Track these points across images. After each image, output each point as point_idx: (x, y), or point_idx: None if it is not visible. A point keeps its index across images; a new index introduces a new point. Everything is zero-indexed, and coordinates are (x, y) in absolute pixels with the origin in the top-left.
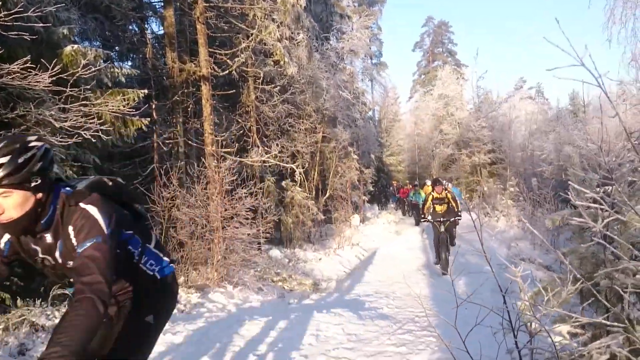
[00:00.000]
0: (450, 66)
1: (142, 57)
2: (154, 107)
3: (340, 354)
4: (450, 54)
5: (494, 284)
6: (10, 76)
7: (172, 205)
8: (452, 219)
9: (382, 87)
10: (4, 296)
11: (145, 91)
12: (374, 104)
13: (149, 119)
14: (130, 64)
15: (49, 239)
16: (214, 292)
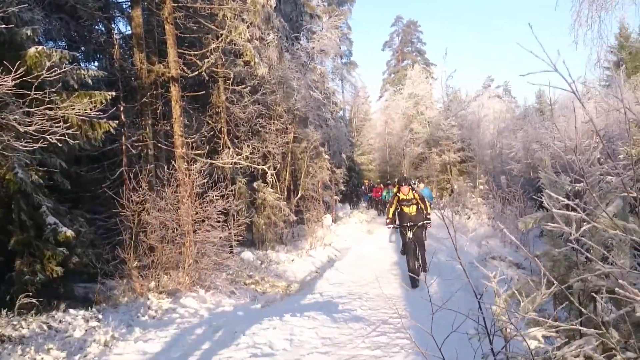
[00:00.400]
0: (419, 65)
1: (109, 58)
2: (122, 109)
3: (314, 358)
4: (419, 53)
5: (464, 283)
6: None
7: (141, 209)
8: (420, 223)
9: (353, 86)
10: None
11: (113, 93)
12: (344, 103)
13: (117, 121)
14: (96, 65)
15: None
16: (186, 297)
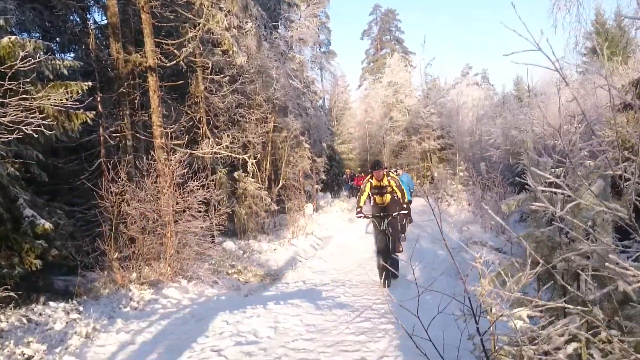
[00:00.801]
0: (398, 54)
1: (85, 49)
2: (99, 99)
3: (299, 345)
4: (398, 41)
5: (446, 268)
6: None
7: (121, 200)
8: (395, 213)
9: (332, 75)
10: None
11: (89, 83)
12: (324, 92)
13: (94, 112)
14: (72, 56)
15: None
16: (168, 288)
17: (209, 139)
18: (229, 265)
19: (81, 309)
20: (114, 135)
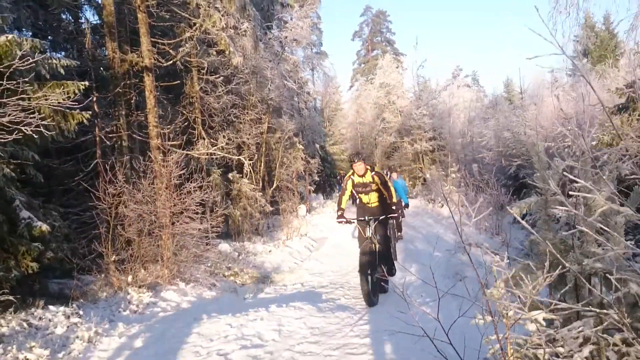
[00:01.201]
0: (389, 55)
1: (78, 47)
2: (94, 99)
3: (305, 348)
4: (388, 43)
5: (444, 269)
6: None
7: (118, 202)
8: (382, 216)
9: (324, 76)
10: None
11: (86, 83)
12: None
13: (90, 112)
14: (63, 54)
15: None
16: (167, 291)
17: (204, 139)
18: (225, 267)
19: (81, 312)
20: (110, 135)
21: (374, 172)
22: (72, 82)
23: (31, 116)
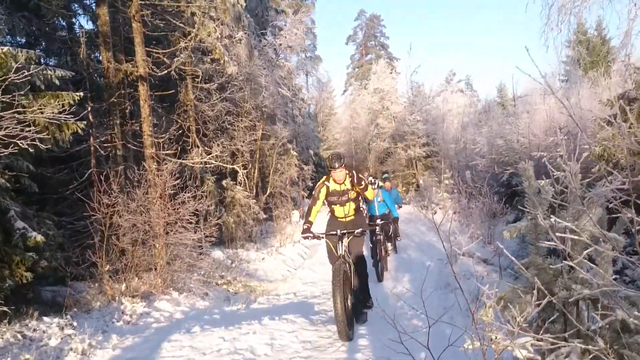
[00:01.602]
0: (383, 60)
1: (71, 55)
2: (89, 109)
3: None
4: (382, 47)
5: (435, 281)
6: None
7: (112, 212)
8: (358, 230)
9: (318, 81)
10: None
11: (81, 94)
12: (310, 99)
13: (84, 121)
14: (55, 62)
15: None
16: (160, 300)
17: (199, 147)
18: (218, 276)
19: (75, 323)
20: (105, 145)
21: (354, 177)
22: (68, 93)
23: (27, 129)
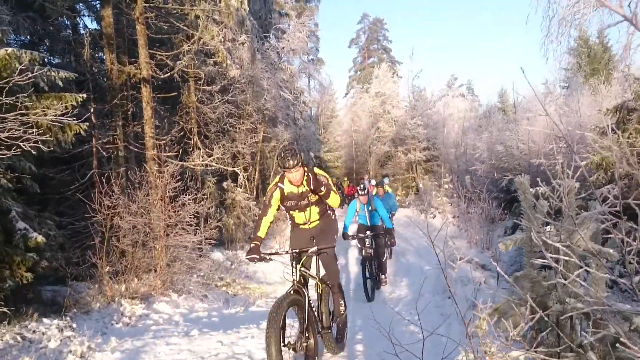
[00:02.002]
0: (385, 63)
1: (75, 56)
2: (92, 110)
3: None
4: (385, 50)
5: (433, 286)
6: None
7: (113, 213)
8: (312, 250)
9: (319, 84)
10: None
11: (84, 95)
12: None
13: (87, 123)
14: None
15: None
16: (159, 302)
17: (200, 149)
18: (217, 277)
19: (74, 325)
20: (107, 146)
21: (314, 177)
22: (71, 95)
23: (30, 131)
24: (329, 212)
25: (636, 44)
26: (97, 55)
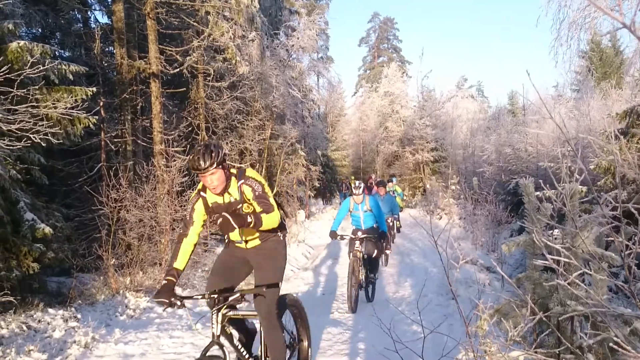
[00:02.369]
0: (395, 63)
1: (86, 50)
2: (101, 104)
3: None
4: (395, 50)
5: (437, 286)
6: None
7: (120, 206)
8: (234, 298)
9: (328, 82)
10: None
11: (94, 89)
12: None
13: (96, 116)
14: (69, 54)
15: None
16: None
17: None
18: None
19: (79, 316)
20: (115, 140)
21: (243, 180)
22: (81, 88)
23: (40, 123)
24: (276, 229)
25: None
26: (107, 49)
